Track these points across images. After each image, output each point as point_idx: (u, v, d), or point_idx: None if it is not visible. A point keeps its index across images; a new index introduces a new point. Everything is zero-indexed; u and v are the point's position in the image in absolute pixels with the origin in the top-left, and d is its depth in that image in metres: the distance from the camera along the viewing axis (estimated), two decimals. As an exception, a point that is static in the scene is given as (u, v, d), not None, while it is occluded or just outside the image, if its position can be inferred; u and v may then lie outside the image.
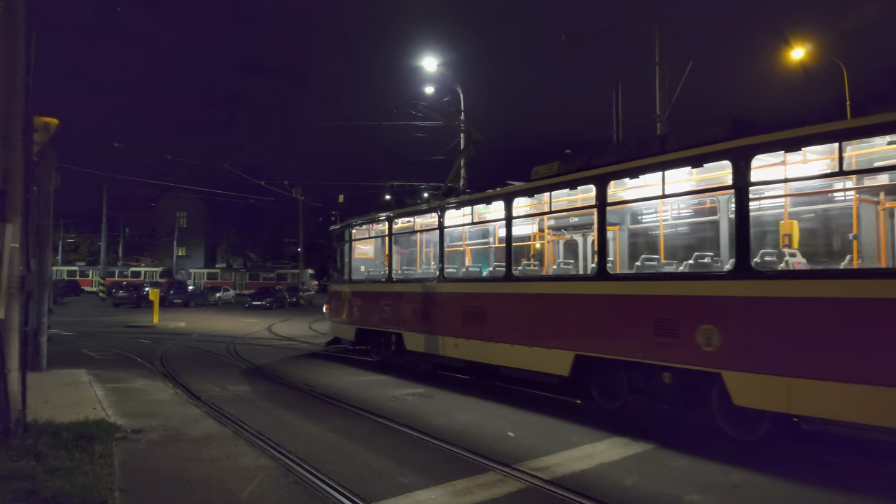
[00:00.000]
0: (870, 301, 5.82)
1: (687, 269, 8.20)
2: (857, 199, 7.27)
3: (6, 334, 6.59)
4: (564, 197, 9.86)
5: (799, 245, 7.37)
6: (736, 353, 6.74)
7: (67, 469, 5.54)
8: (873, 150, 6.68)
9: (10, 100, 6.67)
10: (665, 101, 18.82)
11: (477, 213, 11.55)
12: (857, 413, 5.91)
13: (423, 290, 12.35)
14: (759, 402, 6.60)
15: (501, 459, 6.22)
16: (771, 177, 7.28)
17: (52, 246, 54.28)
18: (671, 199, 8.75)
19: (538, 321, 9.45)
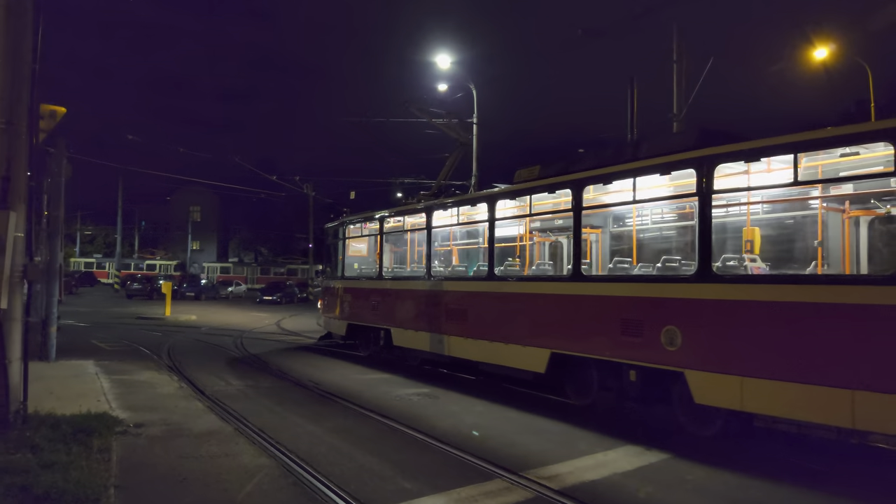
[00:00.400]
0: (815, 305, 6.15)
1: (654, 273, 8.48)
2: (822, 208, 7.57)
3: (8, 324, 6.49)
4: (544, 200, 10.09)
5: (765, 251, 7.79)
6: (697, 354, 7.01)
7: (63, 464, 5.41)
8: (837, 160, 6.92)
9: (16, 86, 6.57)
10: (682, 100, 18.48)
11: (463, 214, 12.00)
12: (802, 411, 6.17)
13: (410, 288, 12.70)
14: (716, 400, 6.86)
15: (508, 466, 6.01)
16: (734, 185, 7.64)
17: (66, 237, 54.62)
18: (646, 204, 9.01)
19: (517, 320, 9.69)
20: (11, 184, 6.48)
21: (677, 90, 18.65)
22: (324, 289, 17.33)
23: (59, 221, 12.58)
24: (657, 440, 7.28)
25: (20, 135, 6.62)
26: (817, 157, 7.02)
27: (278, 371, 12.18)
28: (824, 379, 5.98)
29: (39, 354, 12.23)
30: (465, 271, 12.41)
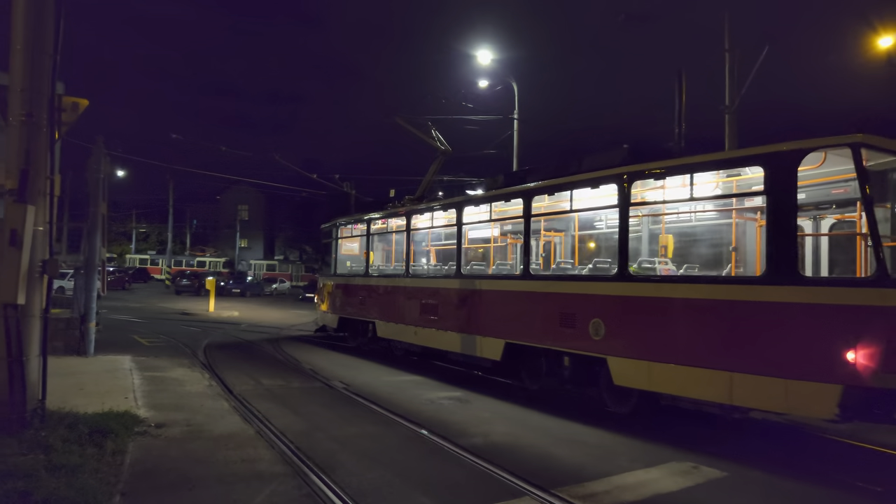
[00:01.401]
0: (702, 301, 7.31)
1: (586, 272, 9.50)
2: (735, 217, 8.57)
3: (26, 320, 6.34)
4: (504, 207, 11.21)
5: (688, 255, 9.08)
6: (616, 342, 8.17)
7: (72, 467, 5.19)
8: (746, 177, 7.81)
9: (36, 78, 6.41)
10: (735, 91, 17.54)
11: (437, 218, 13.07)
12: (695, 390, 7.29)
13: (392, 285, 13.93)
14: (631, 382, 8.04)
15: (539, 483, 5.52)
16: (648, 198, 8.89)
17: (122, 234, 56.48)
18: (590, 209, 9.81)
19: (479, 313, 10.84)
20: (31, 177, 6.33)
21: (729, 81, 17.72)
22: (319, 286, 18.53)
23: (97, 217, 12.62)
24: (707, 455, 6.67)
25: (41, 127, 6.47)
26: (715, 174, 8.08)
27: (310, 371, 11.95)
28: (710, 363, 7.10)
29: (77, 350, 12.34)
30: (438, 270, 13.37)
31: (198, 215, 74.68)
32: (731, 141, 17.77)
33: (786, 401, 6.54)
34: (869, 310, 6.17)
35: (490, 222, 11.79)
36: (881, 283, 6.15)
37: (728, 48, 17.80)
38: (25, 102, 6.34)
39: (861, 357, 6.10)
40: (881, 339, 6.05)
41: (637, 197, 8.64)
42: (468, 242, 12.74)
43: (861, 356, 6.10)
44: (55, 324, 12.62)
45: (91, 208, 12.85)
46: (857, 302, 6.24)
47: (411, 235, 13.56)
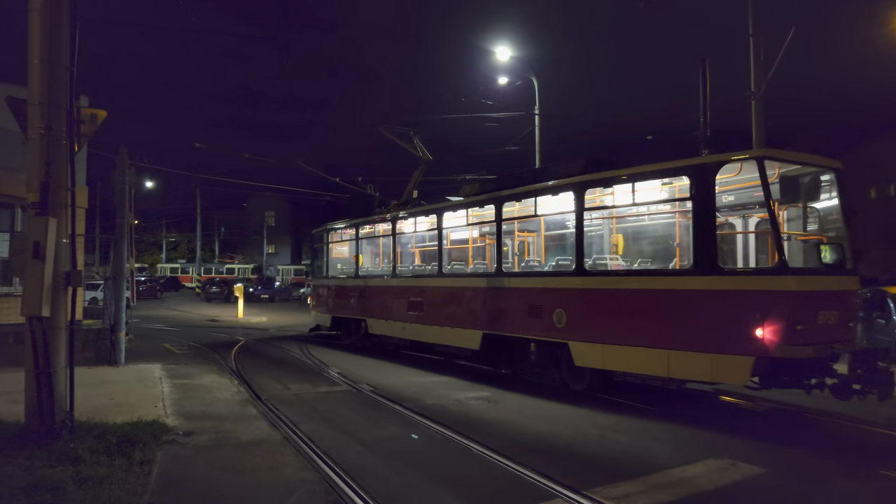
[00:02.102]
0: (643, 291, 8.66)
1: (549, 269, 10.84)
2: (678, 217, 9.44)
3: (52, 332, 6.38)
4: (479, 212, 12.40)
5: (639, 252, 10.33)
6: (576, 329, 9.38)
7: (100, 478, 5.18)
8: (683, 183, 8.64)
9: (54, 91, 6.45)
10: (761, 77, 17.07)
11: (420, 222, 14.26)
12: (641, 367, 8.57)
13: (381, 284, 15.19)
14: (588, 362, 9.28)
15: (570, 484, 5.36)
16: (597, 203, 10.25)
17: (153, 244, 57.40)
18: (552, 213, 10.84)
19: (459, 308, 12.13)
20: (52, 190, 6.37)
21: (755, 66, 17.26)
22: (313, 287, 19.64)
23: (124, 228, 12.77)
24: (749, 452, 6.44)
25: (60, 140, 6.51)
26: (659, 182, 9.14)
27: (337, 374, 11.91)
28: (652, 343, 8.31)
29: (108, 359, 12.50)
30: (423, 270, 14.64)
31: (225, 223, 75.68)
32: (759, 129, 17.32)
33: (711, 372, 7.78)
34: (772, 294, 7.41)
35: (468, 226, 12.95)
36: (781, 271, 7.46)
37: (752, 33, 17.35)
38: (44, 115, 6.38)
39: (767, 333, 7.28)
40: (783, 317, 7.25)
41: (590, 202, 9.95)
42: (449, 244, 13.65)
43: (767, 332, 7.28)
44: (86, 334, 12.80)
45: (118, 219, 13.01)
46: (763, 288, 7.52)
47: (397, 239, 14.85)
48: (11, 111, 6.77)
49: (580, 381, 9.70)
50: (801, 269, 8.25)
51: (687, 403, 9.35)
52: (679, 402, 9.31)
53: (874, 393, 7.25)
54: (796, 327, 7.31)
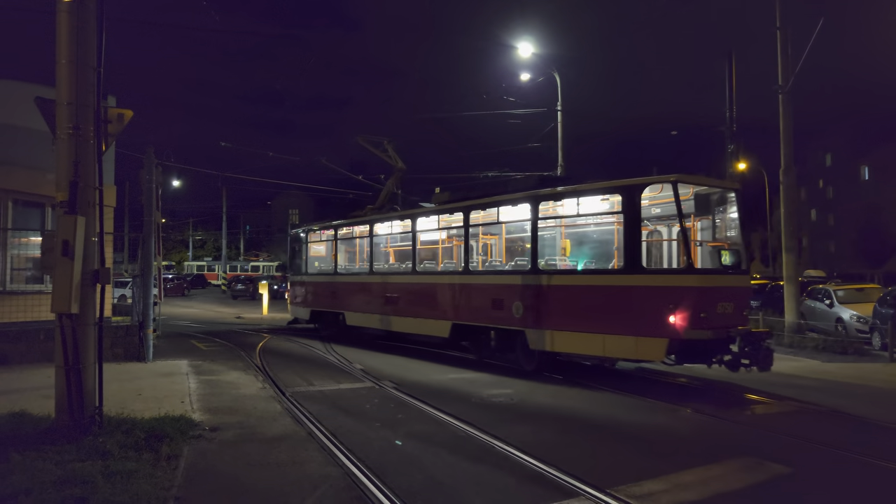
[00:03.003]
0: (584, 286, 10.68)
1: (509, 268, 12.56)
2: (617, 225, 11.04)
3: (81, 329, 6.50)
4: (450, 217, 13.93)
5: (584, 254, 12.07)
6: (531, 318, 11.04)
7: (128, 472, 5.27)
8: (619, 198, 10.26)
9: (82, 91, 6.56)
10: (788, 70, 16.74)
11: (396, 225, 16.01)
12: (581, 349, 10.40)
13: (359, 281, 16.82)
14: (539, 345, 10.95)
15: (594, 482, 5.32)
16: (549, 214, 11.88)
17: (180, 242, 58.33)
18: (511, 221, 12.53)
19: (430, 301, 13.67)
20: (80, 189, 6.48)
21: (782, 60, 16.96)
22: (291, 283, 20.97)
23: (151, 226, 12.96)
24: (776, 451, 6.33)
25: (88, 139, 6.62)
26: (600, 196, 10.95)
27: (361, 370, 11.97)
28: (591, 328, 10.13)
29: (137, 355, 12.71)
30: (398, 267, 16.18)
31: (250, 221, 76.57)
32: (786, 123, 17.00)
33: (636, 351, 9.70)
34: (681, 289, 9.39)
35: (439, 230, 14.65)
36: (688, 271, 9.68)
37: (779, 26, 17.01)
38: (72, 115, 6.49)
39: (678, 320, 9.16)
40: (689, 307, 9.19)
41: (544, 212, 11.64)
42: (421, 244, 15.02)
43: (678, 319, 9.16)
44: (115, 331, 13.03)
45: (145, 217, 13.20)
46: (674, 284, 9.61)
47: (374, 240, 16.35)
48: (40, 111, 6.90)
49: (531, 362, 11.49)
50: (704, 270, 10.31)
51: (623, 380, 11.29)
52: (615, 379, 11.20)
53: (757, 366, 9.47)
54: (700, 315, 9.26)
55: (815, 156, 64.18)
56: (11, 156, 14.26)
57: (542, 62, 22.07)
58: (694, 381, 11.04)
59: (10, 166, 14.20)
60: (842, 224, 59.06)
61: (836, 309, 17.84)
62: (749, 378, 10.20)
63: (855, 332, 16.65)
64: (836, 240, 60.88)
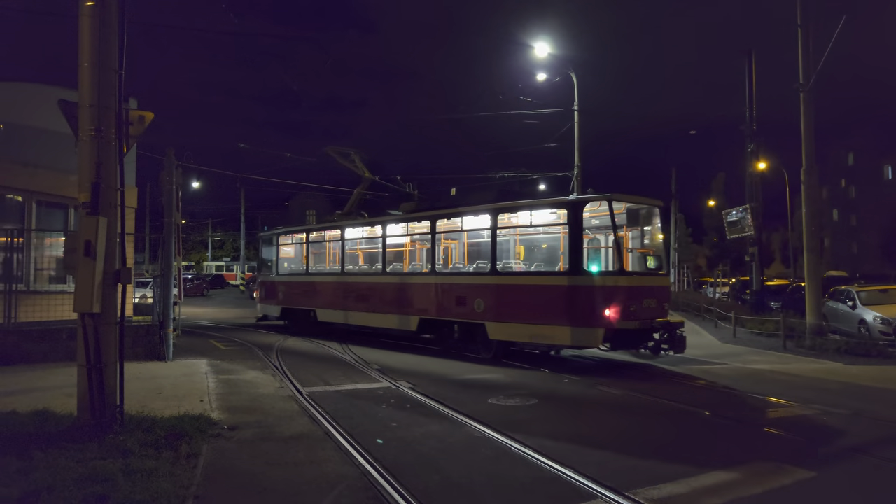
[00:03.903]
0: (533, 286, 12.63)
1: (472, 270, 14.15)
2: (563, 234, 12.70)
3: (103, 328, 6.59)
4: (417, 225, 15.65)
5: (534, 258, 14.47)
6: (490, 312, 12.94)
7: (149, 471, 5.33)
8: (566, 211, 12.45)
9: (104, 93, 6.65)
10: (810, 68, 16.51)
11: (366, 231, 17.64)
12: (532, 338, 12.27)
13: (331, 280, 18.17)
14: (498, 336, 12.89)
15: (611, 484, 5.28)
16: (506, 224, 13.76)
17: (200, 243, 58.78)
18: (473, 229, 14.32)
19: (399, 298, 15.41)
20: (102, 190, 6.57)
21: (803, 57, 16.72)
22: (260, 283, 22.22)
23: (171, 227, 13.09)
24: (799, 456, 6.24)
25: (109, 141, 6.71)
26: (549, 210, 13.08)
27: (377, 370, 12.00)
28: (541, 321, 12.04)
29: (157, 355, 12.85)
30: (368, 269, 17.77)
31: (269, 221, 76.96)
32: (808, 122, 16.76)
33: (578, 339, 11.66)
34: (614, 288, 11.66)
35: (407, 235, 16.35)
36: (620, 273, 11.97)
37: (801, 23, 16.78)
38: (94, 118, 6.59)
39: (611, 313, 11.30)
40: (620, 302, 11.44)
41: (501, 222, 13.43)
42: (390, 248, 16.70)
43: (611, 312, 11.30)
44: (136, 330, 13.19)
45: (165, 218, 13.34)
46: (609, 284, 11.78)
47: (346, 243, 17.93)
48: (63, 114, 7.00)
49: (489, 350, 13.29)
50: (633, 272, 12.56)
51: (561, 363, 13.36)
52: (549, 362, 13.24)
53: (672, 350, 12.13)
54: (630, 309, 11.52)
55: (838, 155, 63.29)
56: (35, 158, 14.51)
57: (559, 62, 21.99)
58: (717, 386, 10.93)
59: (34, 168, 14.45)
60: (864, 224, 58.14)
61: (859, 310, 17.56)
62: (771, 380, 10.32)
63: (878, 334, 16.37)
64: (858, 240, 59.96)
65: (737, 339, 18.39)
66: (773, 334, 17.83)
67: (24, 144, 14.37)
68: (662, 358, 12.98)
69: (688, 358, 14.41)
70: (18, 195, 14.72)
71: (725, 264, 53.25)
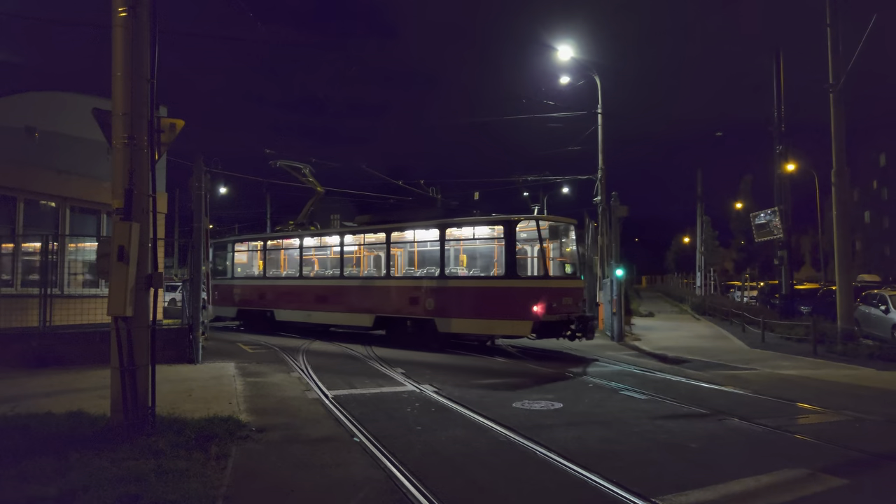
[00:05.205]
0: (478, 287, 15.49)
1: (422, 274, 16.50)
2: (499, 245, 15.52)
3: (135, 331, 6.73)
4: (372, 235, 18.23)
5: (475, 265, 16.82)
6: (439, 309, 15.60)
7: (180, 471, 5.44)
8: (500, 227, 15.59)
9: (136, 102, 6.80)
10: (840, 68, 16.22)
11: (326, 240, 19.98)
12: (475, 330, 15.50)
13: (289, 284, 20.22)
14: (445, 329, 15.51)
15: (639, 490, 5.25)
16: (453, 237, 16.65)
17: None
18: (423, 241, 17.17)
19: (357, 299, 17.85)
20: (135, 196, 6.72)
21: (833, 57, 16.45)
22: (214, 286, 22.88)
23: (200, 232, 13.31)
24: (827, 464, 6.13)
25: (142, 148, 6.86)
26: (488, 226, 16.19)
27: (402, 374, 12.06)
28: (481, 315, 15.06)
29: (187, 358, 13.06)
30: (326, 273, 19.56)
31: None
32: (838, 122, 16.48)
33: (512, 330, 14.80)
34: (541, 289, 14.65)
35: (364, 244, 18.74)
36: (545, 278, 15.09)
37: (830, 22, 16.52)
38: (127, 126, 6.74)
39: (538, 308, 14.13)
40: (545, 301, 14.27)
41: (448, 235, 16.18)
42: (347, 254, 18.86)
43: (538, 308, 14.13)
44: (166, 334, 13.41)
45: (194, 223, 13.57)
46: (536, 286, 14.88)
47: (304, 251, 20.02)
48: (97, 122, 7.19)
49: (437, 342, 15.80)
50: (555, 277, 15.61)
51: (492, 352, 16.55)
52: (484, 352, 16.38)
53: (584, 337, 15.07)
54: (552, 305, 14.39)
55: (869, 156, 61.94)
56: (69, 165, 14.88)
57: (582, 65, 21.91)
58: (745, 391, 10.78)
59: (68, 175, 14.82)
60: (898, 227, 56.75)
61: (893, 315, 17.17)
62: (801, 385, 10.27)
63: (913, 339, 15.98)
64: (891, 243, 58.57)
65: (765, 343, 18.10)
66: (803, 339, 17.51)
67: (58, 152, 14.74)
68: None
69: (715, 363, 14.23)
70: (53, 201, 15.10)
71: (753, 268, 52.43)
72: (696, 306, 34.40)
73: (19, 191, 14.19)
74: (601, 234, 21.58)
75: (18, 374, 10.98)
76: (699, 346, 17.79)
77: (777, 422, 8.11)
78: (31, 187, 14.38)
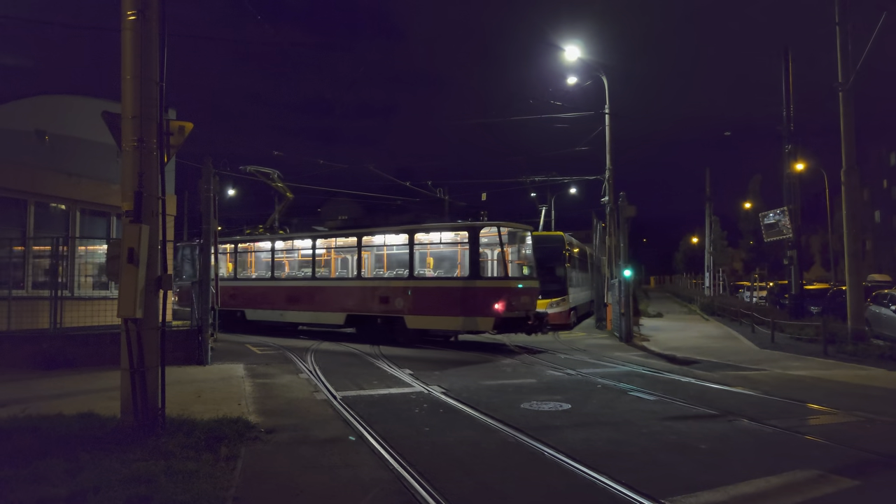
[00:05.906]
0: (445, 287, 16.84)
1: (392, 275, 17.82)
2: (463, 249, 16.96)
3: (145, 333, 6.77)
4: (343, 239, 19.52)
5: (440, 266, 18.02)
6: (407, 308, 16.98)
7: (190, 472, 5.45)
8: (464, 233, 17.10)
9: (146, 104, 6.85)
10: (849, 67, 16.12)
11: (296, 243, 20.94)
12: (443, 326, 16.88)
13: (261, 285, 21.26)
14: (414, 326, 17.00)
15: (648, 492, 5.23)
16: (422, 241, 17.72)
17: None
18: (393, 245, 18.28)
19: (329, 298, 19.04)
20: (144, 199, 6.76)
21: (842, 56, 16.35)
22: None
23: (209, 234, 13.37)
24: (838, 465, 6.09)
25: (151, 151, 6.91)
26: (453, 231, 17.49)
27: (410, 375, 12.07)
28: (447, 313, 16.36)
29: (196, 359, 13.12)
30: (298, 274, 20.67)
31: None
32: (848, 121, 16.38)
33: (476, 326, 16.13)
34: (501, 289, 16.08)
35: (335, 248, 19.83)
36: (505, 279, 16.46)
37: (839, 21, 16.42)
38: (136, 129, 6.79)
39: (499, 306, 15.58)
40: (505, 299, 15.73)
41: (417, 240, 17.34)
42: (319, 257, 19.91)
43: (499, 306, 15.57)
44: (176, 335, 13.48)
45: (203, 225, 13.65)
46: (497, 286, 16.28)
47: (275, 253, 21.15)
48: (107, 125, 7.24)
49: (406, 337, 17.26)
50: (514, 277, 16.83)
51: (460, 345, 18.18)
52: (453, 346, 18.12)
53: (540, 331, 17.12)
54: (511, 303, 15.81)
55: (879, 155, 61.49)
56: (79, 168, 14.99)
57: (590, 65, 21.87)
58: (755, 391, 10.73)
59: (78, 178, 14.93)
60: (909, 226, 56.29)
61: (904, 315, 17.01)
62: (811, 386, 10.32)
63: (925, 339, 15.85)
64: (903, 243, 58.08)
65: (775, 344, 18.00)
66: (813, 339, 17.39)
67: (68, 155, 14.85)
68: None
69: (724, 364, 14.17)
70: (63, 204, 15.23)
71: (762, 268, 52.16)
72: (704, 307, 34.26)
73: (30, 194, 14.31)
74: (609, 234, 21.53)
75: (29, 375, 11.08)
76: (708, 347, 17.71)
77: (787, 423, 8.05)
78: (41, 190, 14.50)
